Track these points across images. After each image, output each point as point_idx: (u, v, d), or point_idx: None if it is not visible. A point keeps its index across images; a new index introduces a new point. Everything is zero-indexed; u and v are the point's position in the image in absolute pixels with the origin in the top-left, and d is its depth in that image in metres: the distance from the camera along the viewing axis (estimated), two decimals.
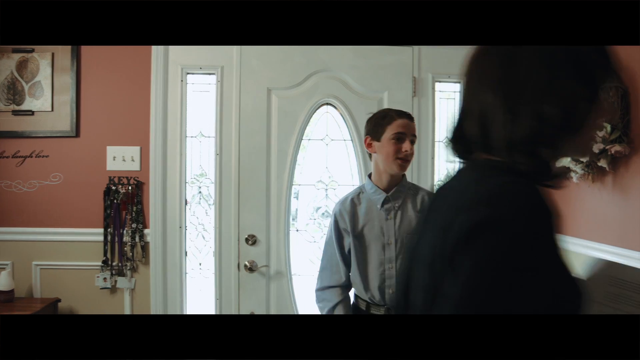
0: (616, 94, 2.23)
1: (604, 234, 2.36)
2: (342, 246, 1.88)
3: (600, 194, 2.38)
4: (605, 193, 2.35)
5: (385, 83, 2.77)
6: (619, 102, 2.22)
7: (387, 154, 1.80)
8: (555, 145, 0.83)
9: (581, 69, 0.82)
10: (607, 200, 2.34)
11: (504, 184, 0.77)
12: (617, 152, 2.20)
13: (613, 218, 2.31)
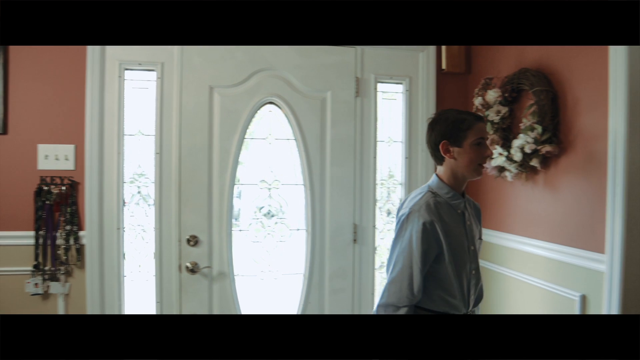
0: (547, 97, 2.36)
1: (536, 230, 2.49)
2: (429, 259, 1.68)
3: (533, 191, 2.50)
4: (537, 191, 2.48)
5: (329, 83, 2.82)
6: (550, 105, 2.35)
7: (470, 160, 1.74)
8: None
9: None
10: (538, 198, 2.47)
11: None
12: (548, 152, 2.33)
13: (544, 215, 2.44)
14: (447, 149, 1.75)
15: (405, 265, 1.66)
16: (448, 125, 1.75)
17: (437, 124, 1.79)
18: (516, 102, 2.61)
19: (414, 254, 1.65)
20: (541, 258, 2.45)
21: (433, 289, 1.73)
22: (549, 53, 2.41)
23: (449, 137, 1.74)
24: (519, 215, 2.62)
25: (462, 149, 1.74)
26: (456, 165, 1.76)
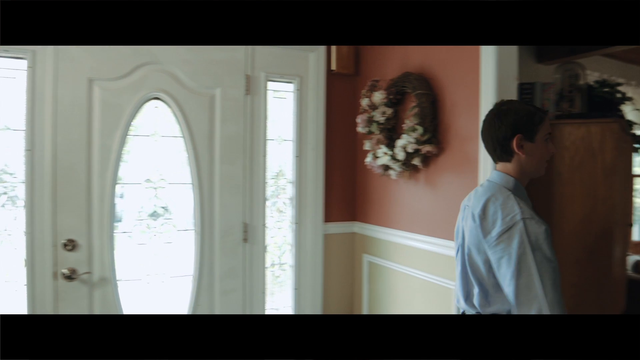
0: (427, 100, 2.53)
1: (417, 225, 2.66)
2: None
3: (415, 189, 2.68)
4: (418, 188, 2.65)
5: (218, 79, 2.80)
6: (430, 108, 2.53)
7: (541, 156, 1.64)
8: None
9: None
10: (420, 195, 2.64)
11: None
12: (428, 152, 2.50)
13: (425, 210, 2.62)
14: (520, 144, 1.60)
15: (530, 270, 1.46)
16: (522, 118, 1.59)
17: (507, 115, 1.61)
18: (400, 103, 2.78)
19: (540, 257, 1.45)
20: (423, 251, 2.63)
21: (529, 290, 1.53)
22: (430, 58, 2.60)
23: (523, 131, 1.59)
24: (403, 211, 2.79)
25: (534, 145, 1.61)
26: (526, 161, 1.62)
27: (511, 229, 1.47)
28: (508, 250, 1.46)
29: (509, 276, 1.46)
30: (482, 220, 1.55)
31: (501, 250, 1.48)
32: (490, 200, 1.57)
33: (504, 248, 1.47)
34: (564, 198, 2.39)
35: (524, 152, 1.61)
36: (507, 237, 1.47)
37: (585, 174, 2.34)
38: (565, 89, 2.71)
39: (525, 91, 2.59)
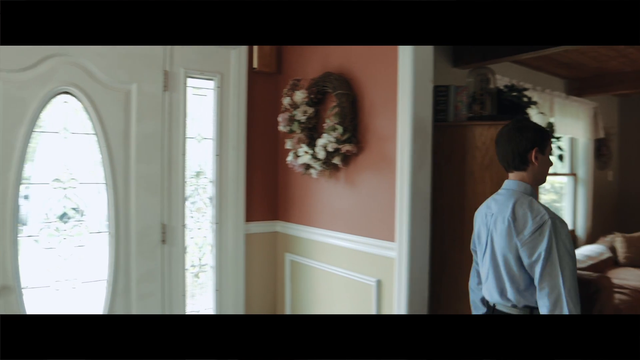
0: (347, 100, 2.57)
1: (338, 223, 2.70)
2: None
3: (335, 187, 2.71)
4: (339, 187, 2.69)
5: (134, 74, 2.68)
6: (350, 108, 2.57)
7: (547, 167, 1.86)
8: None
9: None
10: (340, 193, 2.68)
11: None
12: (348, 151, 2.54)
13: (345, 209, 2.66)
14: (536, 156, 1.80)
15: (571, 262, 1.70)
16: (537, 133, 1.81)
17: (525, 130, 1.81)
18: (321, 103, 2.80)
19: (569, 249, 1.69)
20: (343, 249, 2.67)
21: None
22: (350, 59, 2.64)
23: (539, 144, 1.80)
24: (324, 209, 2.81)
25: (544, 157, 1.83)
26: (538, 171, 1.83)
27: (541, 227, 1.68)
28: (539, 245, 1.68)
29: (539, 267, 1.68)
30: (514, 222, 1.74)
31: (533, 247, 1.69)
32: (517, 204, 1.77)
33: (536, 244, 1.68)
34: (476, 196, 2.51)
35: (538, 162, 1.81)
36: (538, 234, 1.68)
37: (495, 172, 2.47)
38: (477, 93, 2.85)
39: (440, 93, 2.70)
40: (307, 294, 2.95)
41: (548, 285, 1.66)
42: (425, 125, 2.37)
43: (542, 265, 1.67)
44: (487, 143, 2.49)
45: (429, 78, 2.40)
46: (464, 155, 2.55)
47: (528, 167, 1.83)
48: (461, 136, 2.56)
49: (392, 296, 2.40)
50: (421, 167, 2.35)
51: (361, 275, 2.57)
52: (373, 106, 2.52)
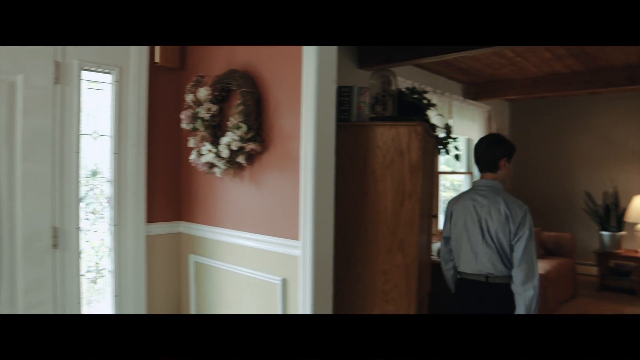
0: (252, 98, 2.55)
1: (244, 223, 2.67)
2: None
3: (240, 186, 2.67)
4: (243, 186, 2.66)
5: (20, 64, 2.46)
6: (254, 106, 2.54)
7: (510, 171, 2.53)
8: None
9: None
10: (245, 192, 2.65)
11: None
12: (252, 150, 2.51)
13: (250, 208, 2.63)
14: (504, 164, 2.47)
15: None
16: (509, 147, 2.49)
17: (502, 144, 2.50)
18: (226, 101, 2.75)
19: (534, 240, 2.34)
20: (248, 248, 2.64)
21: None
22: (255, 57, 2.61)
23: (507, 155, 2.47)
24: (229, 209, 2.77)
25: (509, 164, 2.50)
26: (504, 174, 2.49)
27: (526, 215, 2.33)
28: (526, 228, 2.31)
29: (523, 244, 2.29)
30: (510, 211, 2.33)
31: (522, 229, 2.31)
32: (505, 198, 2.38)
33: (524, 227, 2.31)
34: (377, 193, 2.59)
35: (505, 168, 2.48)
36: (525, 220, 2.32)
37: (395, 171, 2.56)
38: (379, 94, 2.94)
39: (344, 94, 2.75)
40: (213, 296, 2.88)
41: (525, 260, 2.28)
42: (328, 125, 2.40)
43: (525, 244, 2.29)
44: (388, 143, 2.58)
45: (332, 78, 2.43)
46: (366, 155, 2.62)
47: (498, 170, 2.47)
48: (364, 136, 2.63)
49: (297, 294, 2.41)
50: (325, 165, 2.37)
51: (267, 275, 2.55)
52: (278, 105, 2.51)
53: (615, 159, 6.45)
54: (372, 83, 2.97)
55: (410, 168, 2.54)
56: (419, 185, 2.53)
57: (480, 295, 2.40)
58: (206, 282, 2.93)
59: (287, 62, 2.45)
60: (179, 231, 3.09)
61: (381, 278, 2.60)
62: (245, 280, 2.67)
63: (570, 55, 4.67)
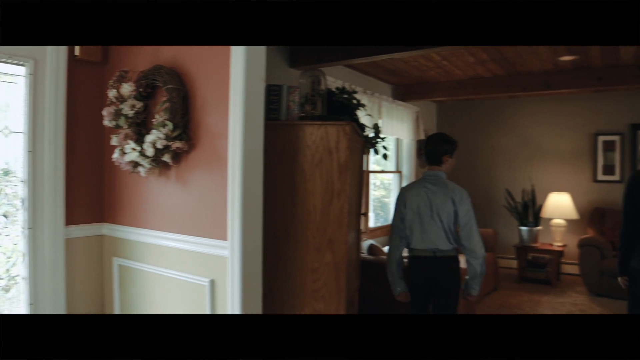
0: (178, 95, 2.48)
1: (170, 224, 2.59)
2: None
3: (166, 186, 2.60)
4: (169, 185, 2.58)
5: None
6: (181, 103, 2.47)
7: (453, 165, 3.05)
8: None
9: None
10: (171, 192, 2.58)
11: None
12: (178, 148, 2.44)
13: (177, 208, 2.56)
14: (447, 159, 3.00)
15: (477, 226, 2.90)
16: (451, 145, 3.02)
17: (445, 142, 3.01)
18: (151, 97, 2.65)
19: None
20: (175, 250, 2.57)
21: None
22: (183, 53, 2.54)
23: (449, 152, 3.00)
24: (154, 210, 2.67)
25: (452, 159, 3.02)
26: (447, 167, 3.01)
27: (467, 198, 2.88)
28: (468, 209, 2.87)
29: (466, 221, 2.86)
30: (455, 195, 2.86)
31: (464, 209, 2.86)
32: (449, 185, 2.91)
33: (466, 208, 2.87)
34: (306, 192, 2.60)
35: (448, 162, 3.00)
36: (469, 205, 2.88)
37: (324, 170, 2.58)
38: (309, 93, 2.94)
39: (273, 92, 2.73)
40: (138, 300, 2.78)
41: (469, 236, 2.85)
42: (257, 123, 2.37)
43: (467, 221, 2.85)
44: (317, 142, 2.59)
45: (261, 76, 2.41)
46: (295, 154, 2.61)
47: (442, 164, 2.99)
48: (293, 135, 2.62)
49: (225, 296, 2.37)
50: (253, 164, 2.35)
51: (194, 276, 2.49)
52: (205, 102, 2.46)
53: (533, 159, 6.85)
54: (301, 82, 2.98)
55: (338, 167, 2.56)
56: (347, 184, 2.56)
57: (428, 269, 2.87)
58: (131, 286, 2.82)
59: (215, 59, 2.40)
60: (102, 233, 2.95)
61: (311, 276, 2.61)
62: (172, 282, 2.60)
63: (492, 60, 4.90)
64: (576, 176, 6.58)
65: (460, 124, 7.36)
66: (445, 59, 4.89)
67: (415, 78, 5.81)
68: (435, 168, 2.98)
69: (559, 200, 6.22)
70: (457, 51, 4.55)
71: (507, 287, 5.93)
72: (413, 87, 6.16)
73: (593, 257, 5.53)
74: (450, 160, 3.01)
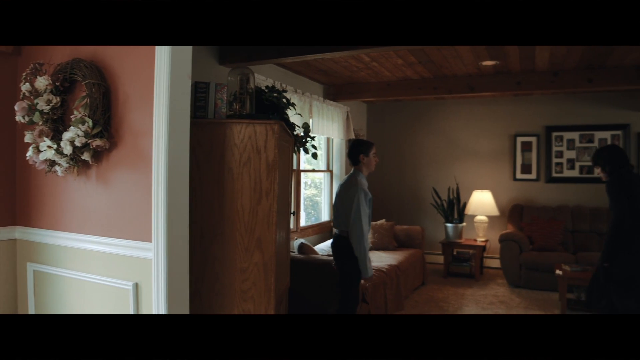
0: (99, 91, 2.37)
1: (90, 225, 2.48)
2: (366, 209, 3.47)
3: (86, 186, 2.48)
4: (90, 185, 2.47)
5: None
6: (101, 99, 2.37)
7: (370, 163, 3.65)
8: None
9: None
10: (92, 193, 2.46)
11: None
12: (99, 146, 2.34)
13: (98, 209, 2.45)
14: (362, 158, 3.62)
15: (364, 214, 3.42)
16: (364, 146, 3.65)
17: (359, 145, 3.68)
18: (69, 92, 2.52)
19: (364, 208, 3.42)
20: (96, 253, 2.45)
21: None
22: (104, 47, 2.43)
23: (364, 152, 3.62)
24: (73, 211, 2.54)
25: (368, 157, 3.63)
26: (364, 165, 3.63)
27: (356, 192, 3.43)
28: (356, 200, 3.41)
29: (353, 210, 3.40)
30: (351, 188, 3.46)
31: (354, 200, 3.41)
32: (353, 181, 3.52)
33: (354, 199, 3.41)
34: (234, 192, 2.56)
35: (364, 161, 3.62)
36: (355, 196, 3.42)
37: (252, 169, 2.55)
38: (237, 92, 2.90)
39: (200, 90, 2.67)
40: (56, 308, 2.62)
41: (354, 221, 3.39)
42: (182, 121, 2.31)
43: (353, 210, 3.40)
44: (245, 141, 2.56)
45: (187, 73, 2.35)
46: (223, 152, 2.58)
47: (359, 164, 3.62)
48: (220, 133, 2.58)
49: (150, 299, 2.29)
50: (178, 163, 2.29)
51: (117, 280, 2.39)
52: (128, 99, 2.37)
53: (458, 158, 7.15)
54: (230, 80, 2.93)
55: (267, 166, 2.55)
56: (276, 183, 2.55)
57: (334, 245, 3.62)
58: (48, 293, 2.66)
59: (139, 54, 2.32)
60: (14, 237, 2.76)
61: (240, 277, 2.58)
62: (92, 287, 2.48)
63: (419, 62, 5.07)
64: (497, 175, 6.94)
65: (390, 124, 7.55)
66: (374, 60, 4.99)
67: (346, 78, 5.89)
68: (354, 167, 3.65)
69: (481, 197, 6.53)
70: (386, 53, 4.66)
71: (434, 281, 6.16)
72: (344, 87, 6.25)
73: (512, 251, 5.86)
74: (367, 159, 3.62)
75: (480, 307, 4.93)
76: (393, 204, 7.46)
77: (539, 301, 5.14)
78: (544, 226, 6.06)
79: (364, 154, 3.60)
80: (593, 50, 4.49)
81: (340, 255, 3.53)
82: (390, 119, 7.56)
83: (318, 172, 6.25)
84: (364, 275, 3.43)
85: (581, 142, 6.49)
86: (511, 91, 5.63)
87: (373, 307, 4.25)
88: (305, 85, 5.73)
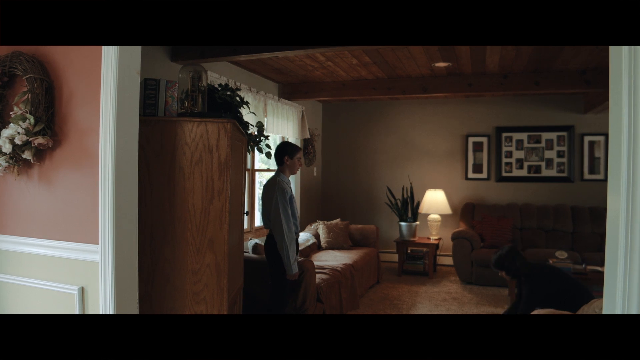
0: (41, 86, 2.28)
1: (32, 227, 2.38)
2: (288, 207, 3.64)
3: (27, 186, 2.38)
4: (31, 185, 2.37)
5: None
6: (44, 95, 2.28)
7: (294, 166, 3.83)
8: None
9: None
10: (33, 193, 2.37)
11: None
12: (41, 145, 2.25)
13: (40, 210, 2.36)
14: (286, 160, 3.77)
15: (283, 212, 3.57)
16: (289, 149, 3.80)
17: (284, 147, 3.82)
18: (9, 87, 2.41)
19: (284, 206, 3.58)
20: (38, 257, 2.36)
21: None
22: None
23: (289, 154, 3.77)
24: (13, 213, 2.43)
25: (293, 160, 3.79)
26: (288, 167, 3.80)
27: (276, 192, 3.58)
28: (277, 201, 3.58)
29: (274, 210, 3.58)
30: (275, 189, 3.60)
31: (274, 201, 3.57)
32: (275, 182, 3.66)
33: (275, 199, 3.56)
34: (185, 192, 2.52)
35: (288, 163, 3.78)
36: (275, 195, 3.59)
37: (204, 168, 2.52)
38: (189, 89, 2.85)
39: (150, 87, 2.61)
40: None
41: (274, 222, 3.58)
42: (131, 119, 2.25)
43: (274, 210, 3.56)
44: (197, 139, 2.52)
45: (135, 69, 2.29)
46: (173, 151, 2.53)
47: (283, 165, 3.77)
48: (171, 132, 2.53)
49: (97, 303, 2.22)
50: (127, 162, 2.23)
51: (61, 285, 2.31)
52: (73, 95, 2.29)
53: (411, 158, 7.29)
54: (181, 77, 2.88)
55: (219, 165, 2.52)
56: (228, 182, 2.52)
57: (265, 244, 3.72)
58: None
59: (84, 49, 2.24)
60: None
61: (191, 279, 2.54)
62: (34, 293, 2.38)
63: (374, 63, 5.13)
64: (450, 174, 7.11)
65: (345, 124, 7.61)
66: (329, 59, 5.02)
67: (301, 77, 5.89)
68: (279, 168, 3.82)
69: (434, 196, 6.68)
70: (341, 53, 4.69)
71: (388, 280, 6.25)
72: (299, 86, 6.25)
73: (464, 248, 6.02)
74: (291, 161, 3.79)
75: (433, 304, 5.05)
76: (348, 203, 7.53)
77: (490, 297, 5.32)
78: (495, 224, 6.26)
79: (289, 156, 3.76)
80: (540, 54, 4.67)
81: (270, 253, 3.66)
82: (345, 119, 7.62)
83: (272, 171, 6.23)
84: (288, 272, 3.55)
85: (529, 142, 6.74)
86: (463, 92, 5.78)
87: (328, 306, 4.27)
88: (260, 83, 5.70)
